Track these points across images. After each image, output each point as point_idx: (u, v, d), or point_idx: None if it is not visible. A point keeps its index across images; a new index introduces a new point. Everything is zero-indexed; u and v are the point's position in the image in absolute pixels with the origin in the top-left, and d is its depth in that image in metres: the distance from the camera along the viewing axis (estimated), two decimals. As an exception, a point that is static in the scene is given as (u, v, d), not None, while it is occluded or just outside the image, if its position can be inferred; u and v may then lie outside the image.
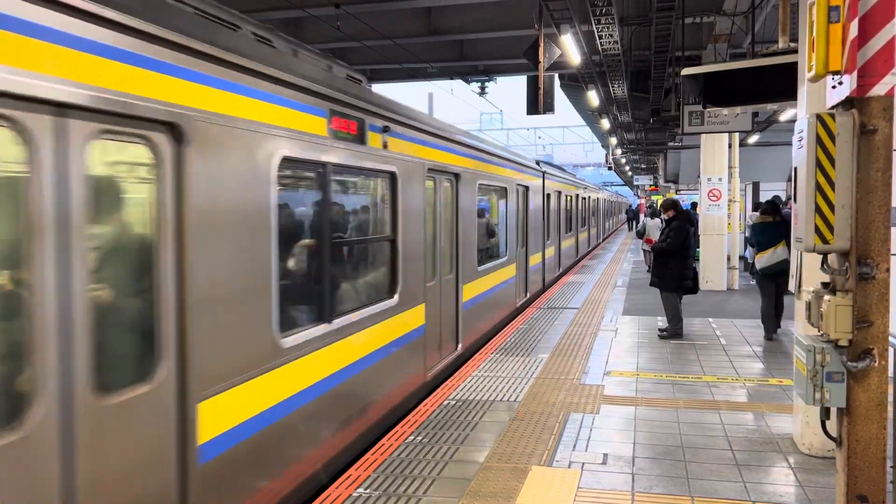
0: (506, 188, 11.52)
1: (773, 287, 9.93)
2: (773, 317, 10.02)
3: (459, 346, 8.80)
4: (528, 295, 13.77)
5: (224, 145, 3.94)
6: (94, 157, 3.10)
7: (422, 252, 7.31)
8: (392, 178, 6.53)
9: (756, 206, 18.62)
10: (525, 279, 13.47)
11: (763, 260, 9.98)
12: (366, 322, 5.86)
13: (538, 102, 12.65)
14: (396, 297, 6.57)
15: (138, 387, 3.33)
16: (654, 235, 18.56)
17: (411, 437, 5.86)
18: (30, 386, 2.78)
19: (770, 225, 10.09)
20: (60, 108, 2.90)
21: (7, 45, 2.65)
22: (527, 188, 13.49)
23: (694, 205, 20.75)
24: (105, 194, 3.26)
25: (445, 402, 6.87)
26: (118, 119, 3.20)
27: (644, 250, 20.51)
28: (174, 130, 3.54)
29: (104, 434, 3.11)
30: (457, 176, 8.70)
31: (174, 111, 3.50)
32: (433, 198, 7.96)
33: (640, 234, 20.90)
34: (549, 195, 16.39)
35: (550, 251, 16.95)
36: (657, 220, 20.22)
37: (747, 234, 14.55)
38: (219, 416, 3.88)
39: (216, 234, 3.85)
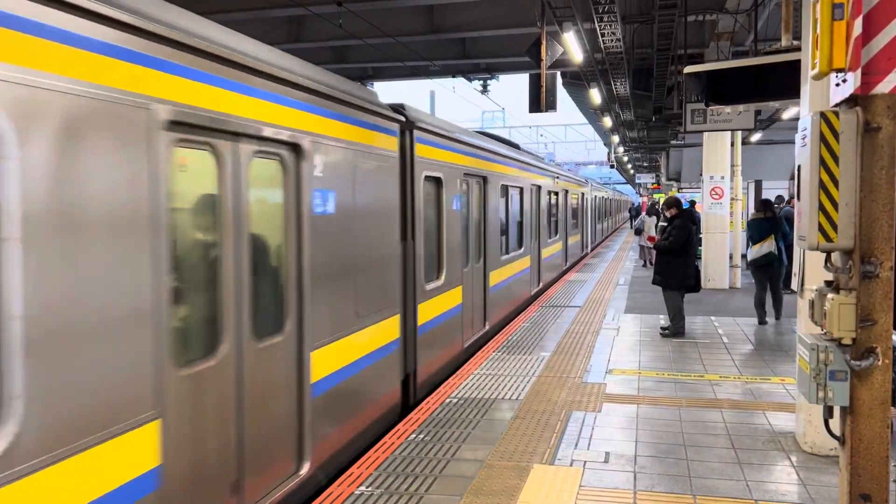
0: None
1: (763, 277, 10.99)
2: (762, 304, 11.04)
3: None
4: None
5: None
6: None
7: None
8: None
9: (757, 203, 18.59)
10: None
11: (753, 252, 10.95)
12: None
13: (540, 100, 12.64)
14: None
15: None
16: (651, 232, 19.77)
17: (413, 436, 5.86)
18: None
19: (762, 221, 10.97)
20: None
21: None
22: (299, 150, 4.92)
23: (693, 203, 20.80)
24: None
25: (447, 401, 6.87)
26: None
27: (641, 246, 20.86)
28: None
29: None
30: None
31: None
32: None
33: (639, 231, 21.35)
34: (439, 182, 8.12)
35: (443, 303, 8.23)
36: (654, 218, 21.10)
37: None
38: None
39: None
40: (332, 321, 5.36)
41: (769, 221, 10.95)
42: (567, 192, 19.55)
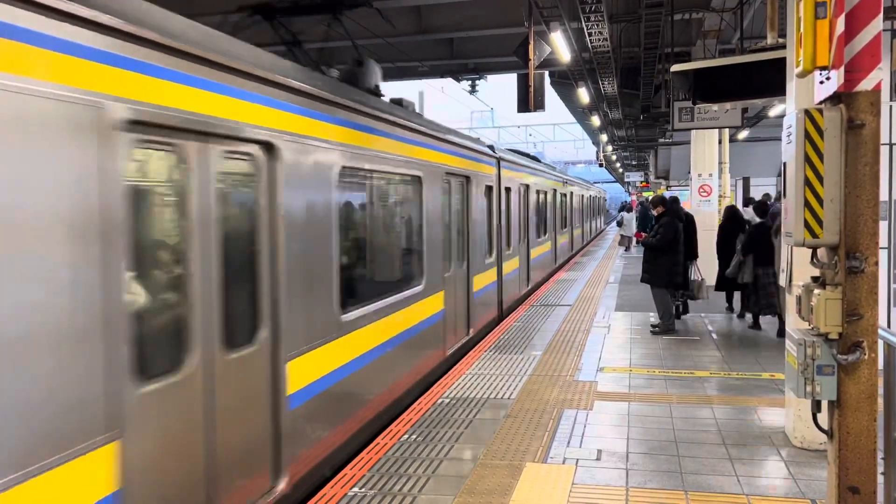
0: None
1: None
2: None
3: None
4: None
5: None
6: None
7: None
8: None
9: (746, 201, 18.72)
10: None
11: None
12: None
13: (529, 100, 12.67)
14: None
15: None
16: (631, 226, 25.64)
17: (406, 436, 5.87)
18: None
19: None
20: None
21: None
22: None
23: (675, 200, 21.00)
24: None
25: (440, 401, 6.88)
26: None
27: (622, 235, 26.10)
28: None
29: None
30: None
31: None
32: None
33: (620, 224, 27.45)
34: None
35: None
36: (633, 214, 26.06)
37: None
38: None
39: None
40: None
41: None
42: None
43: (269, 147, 4.61)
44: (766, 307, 9.89)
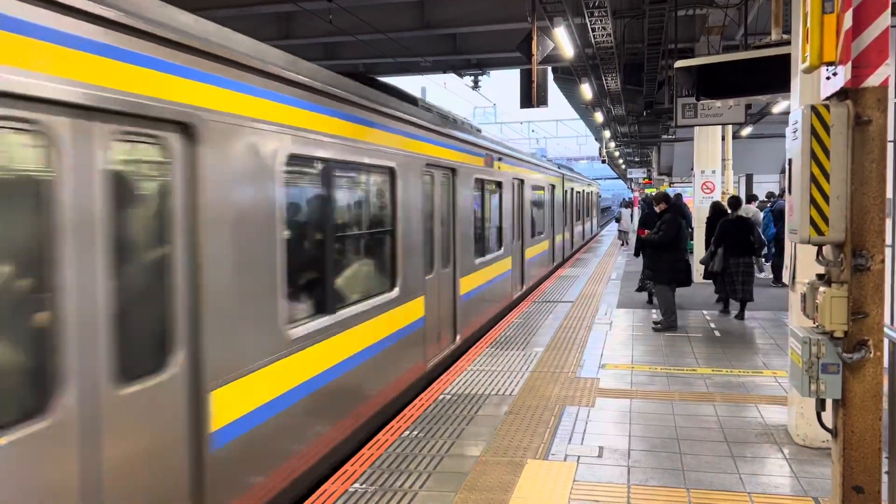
0: None
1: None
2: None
3: None
4: None
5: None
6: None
7: None
8: None
9: (748, 198, 18.70)
10: None
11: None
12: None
13: (532, 96, 12.63)
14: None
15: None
16: (628, 221, 26.94)
17: (407, 432, 5.86)
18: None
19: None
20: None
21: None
22: None
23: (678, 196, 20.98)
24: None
25: (441, 397, 6.86)
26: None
27: (620, 230, 27.37)
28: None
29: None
30: None
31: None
32: None
33: (618, 220, 29.18)
34: None
35: None
36: (629, 210, 27.42)
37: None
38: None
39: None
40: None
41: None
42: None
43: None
44: (732, 293, 11.14)
